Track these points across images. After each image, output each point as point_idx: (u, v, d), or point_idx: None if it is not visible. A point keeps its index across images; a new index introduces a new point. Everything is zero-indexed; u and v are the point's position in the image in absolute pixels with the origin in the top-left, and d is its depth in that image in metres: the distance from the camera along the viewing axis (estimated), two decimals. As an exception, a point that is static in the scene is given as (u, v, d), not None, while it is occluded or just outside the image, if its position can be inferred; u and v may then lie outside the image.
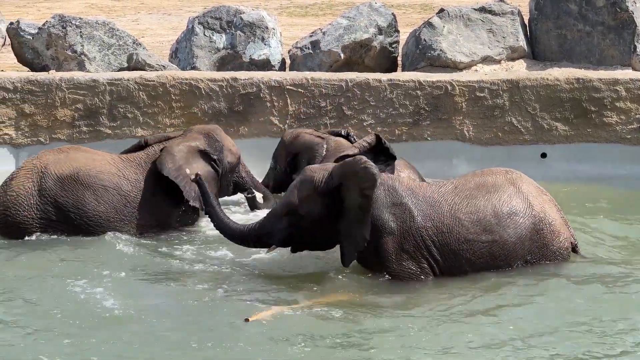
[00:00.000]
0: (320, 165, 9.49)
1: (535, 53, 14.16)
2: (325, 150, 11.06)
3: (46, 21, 13.90)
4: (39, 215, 10.32)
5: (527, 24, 14.28)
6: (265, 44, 13.79)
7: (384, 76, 12.75)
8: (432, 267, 9.10)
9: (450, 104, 12.62)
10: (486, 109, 12.64)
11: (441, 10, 14.04)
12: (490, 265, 9.13)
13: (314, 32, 14.09)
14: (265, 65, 13.71)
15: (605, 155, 12.59)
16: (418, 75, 12.80)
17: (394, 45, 14.02)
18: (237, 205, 11.42)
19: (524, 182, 9.37)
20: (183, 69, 13.48)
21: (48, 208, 10.32)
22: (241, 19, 13.87)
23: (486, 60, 13.80)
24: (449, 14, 13.91)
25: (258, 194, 11.47)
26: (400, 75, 12.88)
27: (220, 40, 13.83)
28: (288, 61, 14.00)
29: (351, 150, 9.69)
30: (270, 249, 9.27)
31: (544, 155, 12.66)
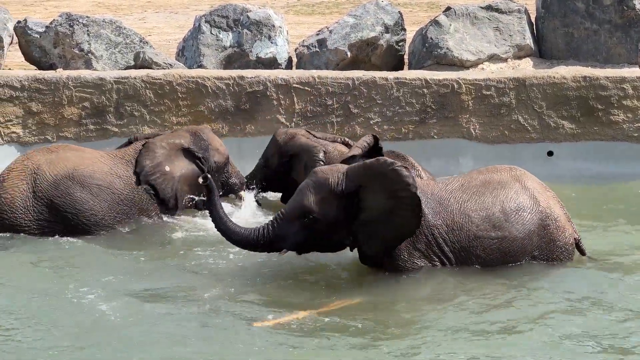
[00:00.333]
0: (330, 167, 9.34)
1: (542, 51, 14.15)
2: (323, 153, 10.86)
3: (53, 20, 13.94)
4: (35, 217, 10.29)
5: (534, 22, 14.28)
6: (272, 43, 13.80)
7: (391, 74, 12.75)
8: (444, 265, 9.10)
9: (457, 102, 12.62)
10: (493, 107, 12.64)
11: (448, 9, 14.05)
12: (500, 262, 9.14)
13: (320, 31, 14.10)
14: (272, 63, 13.72)
15: (611, 153, 12.57)
16: (425, 73, 12.80)
17: (400, 44, 14.02)
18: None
19: (529, 179, 9.40)
20: (190, 68, 13.50)
21: (44, 209, 10.30)
22: (248, 17, 13.88)
23: (493, 58, 13.80)
24: (455, 12, 13.92)
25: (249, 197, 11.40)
26: (406, 73, 12.88)
27: (227, 38, 13.84)
28: (295, 59, 14.01)
29: (354, 151, 9.67)
30: (281, 253, 9.12)
31: (550, 153, 12.65)
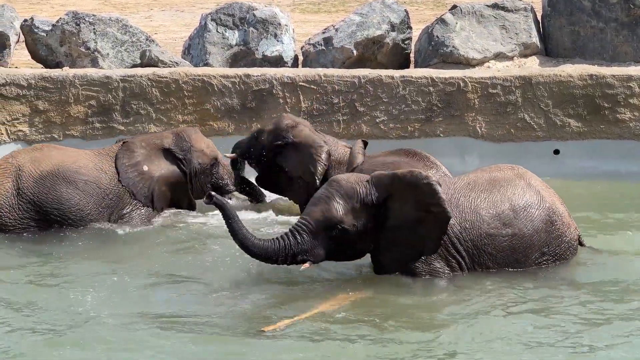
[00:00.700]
0: (351, 175, 9.27)
1: (548, 49, 14.13)
2: (326, 154, 10.66)
3: (60, 18, 13.94)
4: (21, 215, 10.31)
5: (540, 21, 14.26)
6: (277, 41, 13.80)
7: (397, 73, 12.74)
8: (460, 265, 9.12)
9: (463, 100, 12.61)
10: (499, 106, 12.63)
11: (454, 7, 14.03)
12: (510, 259, 9.16)
13: (326, 29, 14.09)
14: (277, 61, 13.71)
15: (618, 151, 12.56)
16: (430, 71, 12.79)
17: (406, 42, 14.01)
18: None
19: (531, 177, 9.44)
20: (196, 66, 13.50)
21: (29, 206, 10.30)
22: (254, 15, 13.87)
23: (499, 56, 13.78)
24: (461, 10, 13.90)
25: (241, 196, 11.37)
26: (412, 71, 12.87)
27: (233, 36, 13.84)
28: (301, 58, 14.00)
29: (359, 158, 10.29)
30: (304, 267, 8.96)
31: (556, 151, 12.64)
